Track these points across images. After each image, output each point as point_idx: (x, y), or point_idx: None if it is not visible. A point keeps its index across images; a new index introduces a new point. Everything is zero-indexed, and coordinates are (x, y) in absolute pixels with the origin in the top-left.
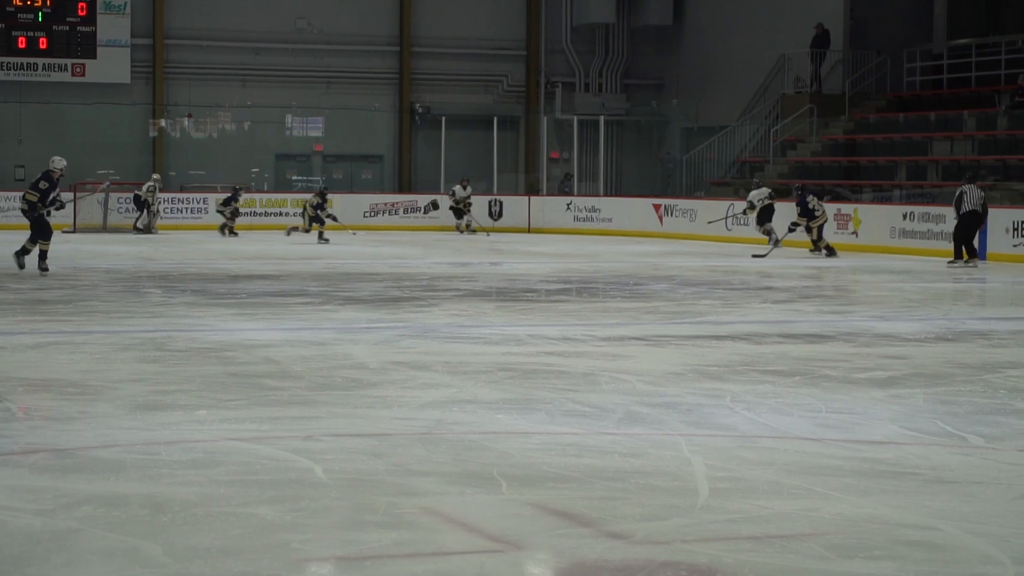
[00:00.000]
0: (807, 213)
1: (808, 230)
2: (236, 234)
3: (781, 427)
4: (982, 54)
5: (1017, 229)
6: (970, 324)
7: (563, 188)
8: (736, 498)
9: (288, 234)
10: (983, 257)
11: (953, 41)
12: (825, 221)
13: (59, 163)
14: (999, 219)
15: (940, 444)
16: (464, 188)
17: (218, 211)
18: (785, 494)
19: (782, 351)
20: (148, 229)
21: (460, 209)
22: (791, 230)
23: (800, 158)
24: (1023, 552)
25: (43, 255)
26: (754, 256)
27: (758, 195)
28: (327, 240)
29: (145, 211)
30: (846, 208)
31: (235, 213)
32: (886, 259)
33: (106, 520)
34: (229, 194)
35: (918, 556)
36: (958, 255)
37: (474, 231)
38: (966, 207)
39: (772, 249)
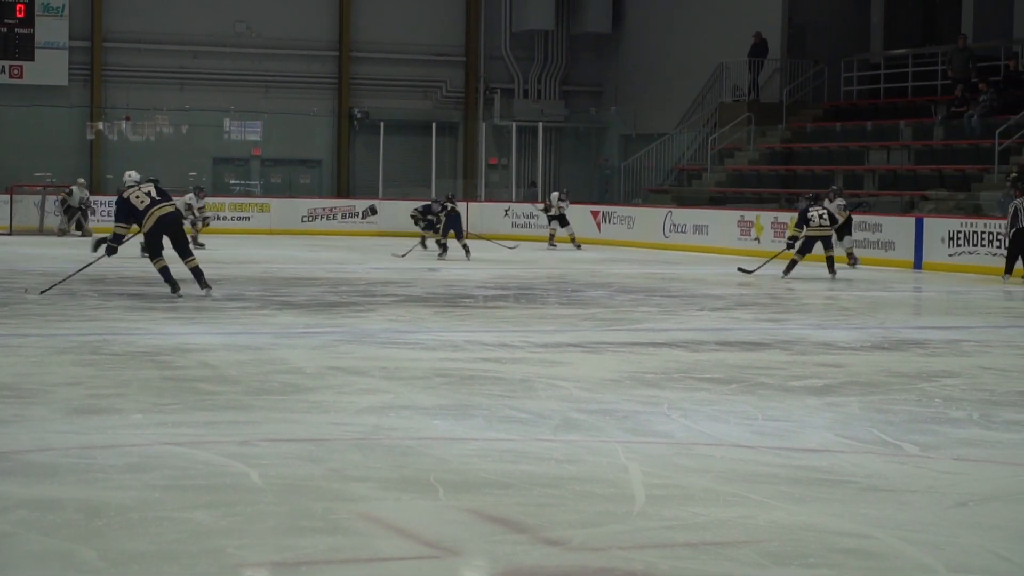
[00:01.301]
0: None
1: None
2: (202, 245)
3: (717, 434)
4: (919, 64)
5: (952, 239)
6: (906, 333)
7: (528, 195)
8: (672, 505)
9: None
10: (918, 267)
11: (890, 51)
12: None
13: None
14: (935, 229)
15: (875, 452)
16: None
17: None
18: (721, 501)
19: (719, 359)
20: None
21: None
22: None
23: (738, 166)
24: (957, 560)
25: None
26: (742, 271)
27: (837, 206)
28: (202, 245)
29: (77, 215)
30: (782, 217)
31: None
32: (822, 268)
33: (40, 524)
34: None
35: (853, 564)
36: (1009, 270)
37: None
38: (1022, 223)
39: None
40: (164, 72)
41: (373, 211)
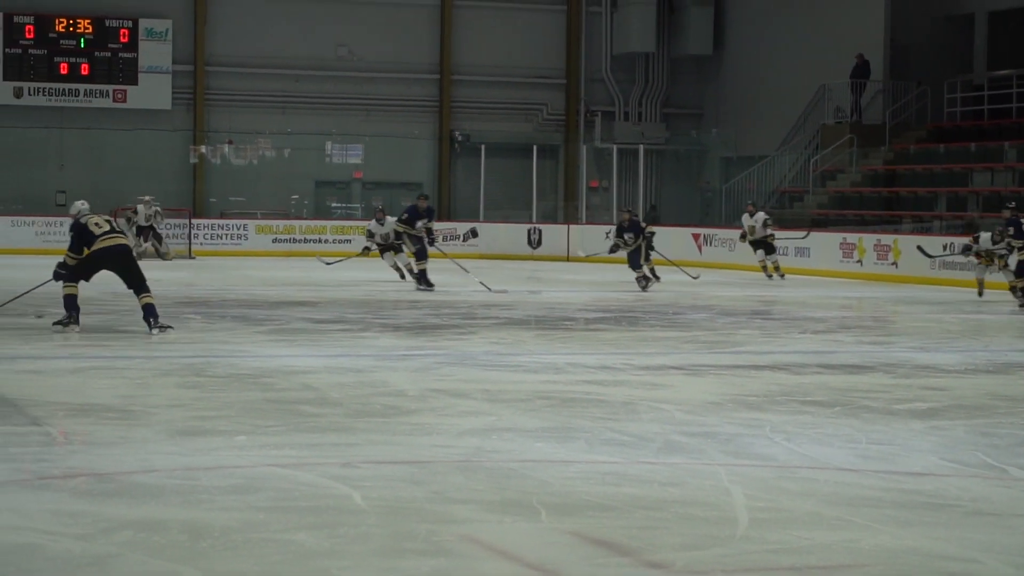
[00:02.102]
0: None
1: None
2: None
3: (821, 458)
4: (1023, 85)
5: None
6: (1011, 356)
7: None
8: (776, 529)
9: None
10: None
11: (993, 72)
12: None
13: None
14: None
15: (981, 476)
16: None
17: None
18: (825, 525)
19: (821, 381)
20: (163, 255)
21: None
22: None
23: (840, 188)
24: None
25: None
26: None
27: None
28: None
29: (151, 236)
30: (885, 239)
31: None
32: (925, 290)
33: (146, 545)
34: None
35: None
36: None
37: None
38: None
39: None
40: (266, 96)
41: (474, 234)
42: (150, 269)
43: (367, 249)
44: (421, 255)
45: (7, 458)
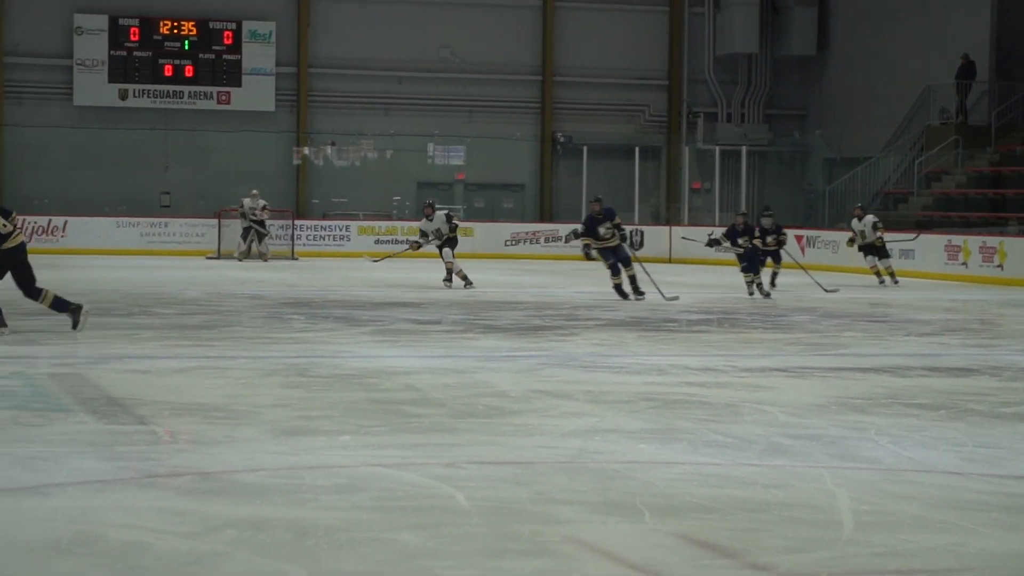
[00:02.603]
0: None
1: None
2: None
3: (926, 461)
4: None
5: None
6: None
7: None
8: (881, 532)
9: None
10: None
11: None
12: None
13: None
14: None
15: None
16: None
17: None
18: (931, 529)
19: (926, 384)
20: (263, 255)
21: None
22: None
23: (945, 190)
24: None
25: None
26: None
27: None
28: None
29: (251, 234)
30: (991, 241)
31: None
32: None
33: (251, 543)
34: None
35: None
36: None
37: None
38: None
39: None
40: (369, 97)
41: (576, 235)
42: (253, 270)
43: (416, 244)
44: (619, 266)
45: (114, 457)
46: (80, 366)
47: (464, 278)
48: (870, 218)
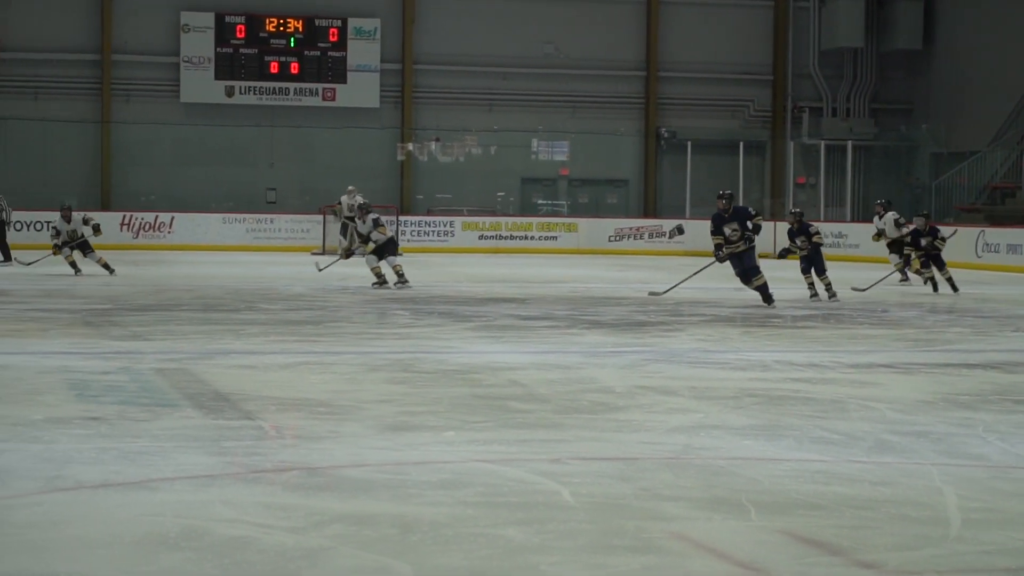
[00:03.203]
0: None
1: None
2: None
3: None
4: None
5: None
6: None
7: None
8: (990, 529)
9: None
10: None
11: None
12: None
13: None
14: None
15: None
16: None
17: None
18: None
19: None
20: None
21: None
22: None
23: None
24: None
25: None
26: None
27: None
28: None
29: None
30: None
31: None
32: None
33: (356, 538)
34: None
35: None
36: None
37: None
38: None
39: None
40: (473, 93)
41: (680, 231)
42: (358, 266)
43: (348, 252)
44: (749, 276)
45: (220, 452)
46: (186, 361)
47: (381, 276)
48: (891, 216)
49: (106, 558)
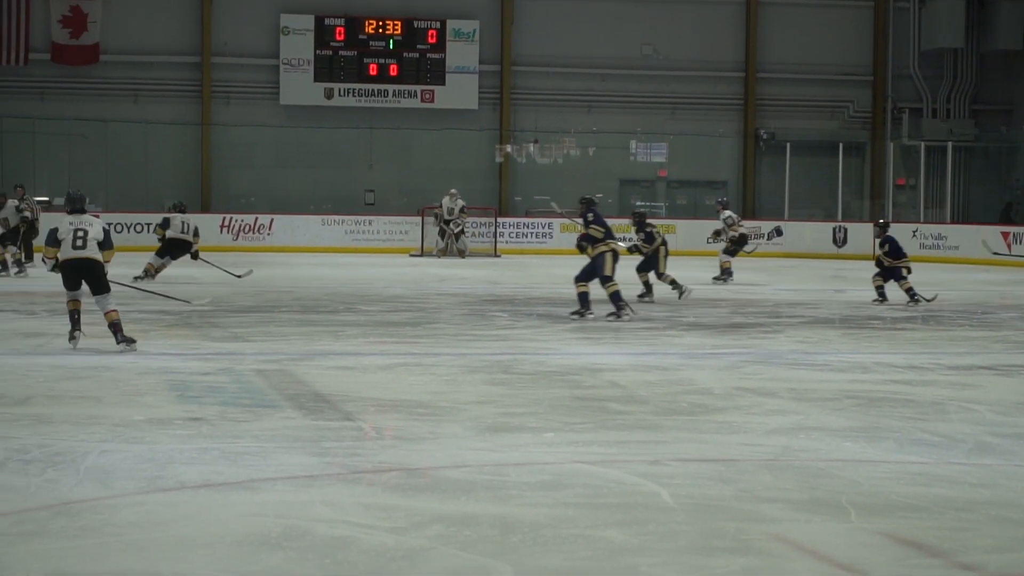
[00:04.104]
0: None
1: None
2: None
3: None
4: None
5: None
6: None
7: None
8: None
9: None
10: None
11: None
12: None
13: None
14: None
15: None
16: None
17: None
18: None
19: None
20: (461, 252)
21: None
22: None
23: None
24: None
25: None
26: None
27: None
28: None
29: (449, 233)
30: None
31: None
32: None
33: (457, 539)
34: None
35: None
36: None
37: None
38: None
39: None
40: (571, 95)
41: (779, 232)
42: (456, 267)
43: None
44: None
45: (321, 452)
46: (286, 362)
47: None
48: (727, 214)
49: (208, 558)
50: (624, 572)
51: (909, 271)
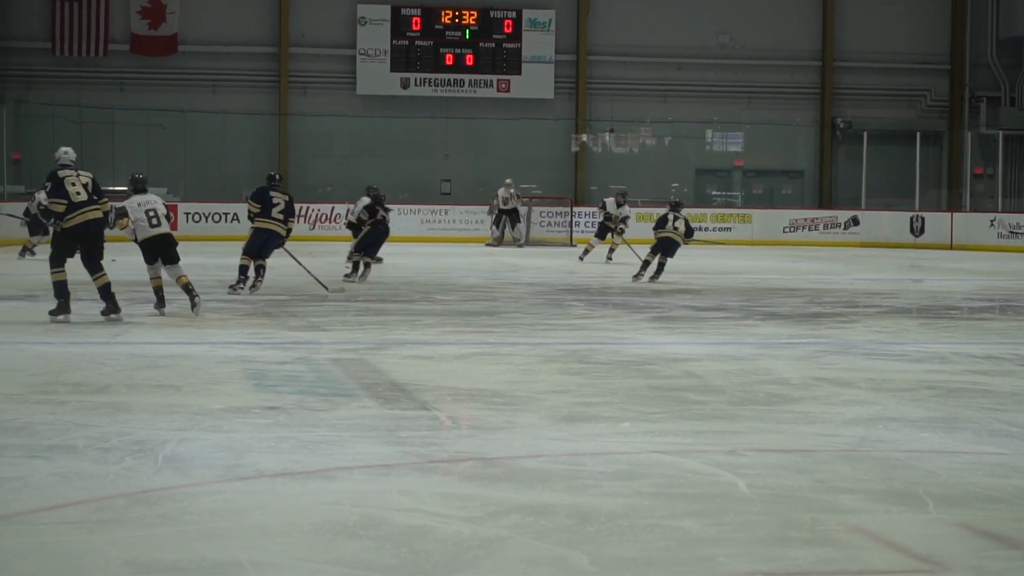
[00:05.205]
0: None
1: None
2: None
3: None
4: None
5: None
6: None
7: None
8: None
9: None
10: None
11: None
12: None
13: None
14: None
15: None
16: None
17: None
18: None
19: None
20: (521, 241)
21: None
22: None
23: None
24: None
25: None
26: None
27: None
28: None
29: (503, 220)
30: None
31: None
32: None
33: (533, 529)
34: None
35: None
36: None
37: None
38: None
39: None
40: (647, 84)
41: (855, 222)
42: (531, 256)
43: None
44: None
45: (397, 441)
46: (363, 351)
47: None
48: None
49: (285, 546)
50: (700, 562)
51: None
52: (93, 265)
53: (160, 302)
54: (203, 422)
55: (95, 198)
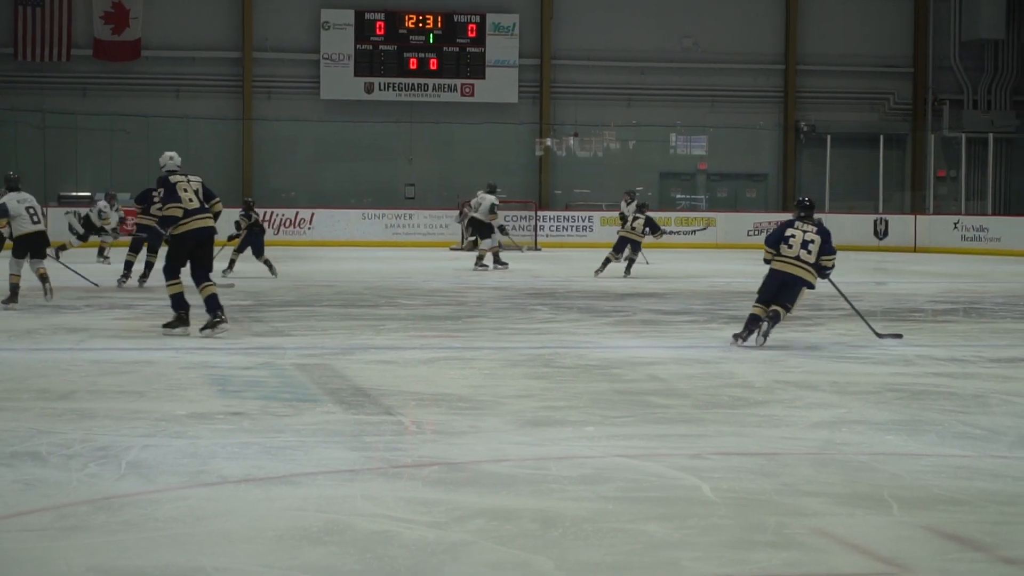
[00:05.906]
0: None
1: None
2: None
3: None
4: None
5: None
6: None
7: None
8: None
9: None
10: None
11: None
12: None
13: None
14: None
15: None
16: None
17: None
18: None
19: None
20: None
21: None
22: None
23: None
24: None
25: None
26: None
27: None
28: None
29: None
30: None
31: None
32: None
33: (498, 533)
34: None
35: None
36: None
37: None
38: None
39: None
40: (611, 88)
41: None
42: (471, 260)
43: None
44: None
45: (361, 447)
46: (327, 356)
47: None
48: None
49: (250, 552)
50: (665, 566)
51: None
52: (201, 274)
53: (13, 298)
54: (167, 428)
55: (205, 205)
